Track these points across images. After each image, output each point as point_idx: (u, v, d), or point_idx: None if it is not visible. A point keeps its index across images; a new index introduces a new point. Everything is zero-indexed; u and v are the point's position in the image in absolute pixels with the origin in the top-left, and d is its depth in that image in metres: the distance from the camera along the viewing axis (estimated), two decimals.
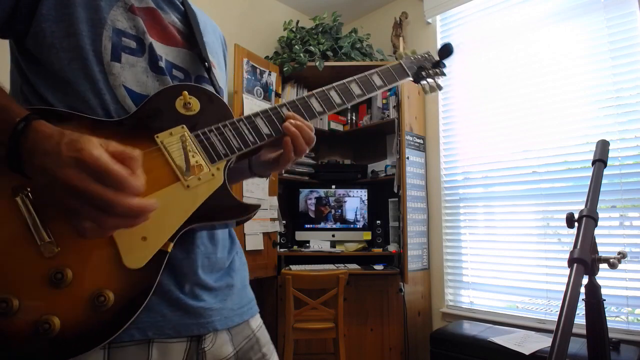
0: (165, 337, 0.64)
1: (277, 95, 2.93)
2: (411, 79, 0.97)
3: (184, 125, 0.66)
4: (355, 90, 0.85)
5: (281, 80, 2.97)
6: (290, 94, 3.06)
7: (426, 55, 1.03)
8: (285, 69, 2.92)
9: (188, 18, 0.79)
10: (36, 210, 0.54)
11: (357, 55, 3.04)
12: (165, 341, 0.64)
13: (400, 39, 2.97)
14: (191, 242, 0.69)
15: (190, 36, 0.78)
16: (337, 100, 0.82)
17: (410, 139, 2.87)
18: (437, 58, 1.02)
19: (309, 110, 0.79)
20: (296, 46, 2.98)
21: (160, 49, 0.72)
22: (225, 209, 0.67)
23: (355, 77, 0.87)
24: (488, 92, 2.76)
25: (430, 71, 1.01)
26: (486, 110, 2.76)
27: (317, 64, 2.87)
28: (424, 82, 1.02)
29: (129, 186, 0.49)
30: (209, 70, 0.77)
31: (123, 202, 0.48)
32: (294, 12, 3.52)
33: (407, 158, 2.78)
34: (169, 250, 0.60)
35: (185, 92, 0.67)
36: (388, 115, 2.98)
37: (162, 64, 0.71)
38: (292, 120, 0.74)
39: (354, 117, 3.30)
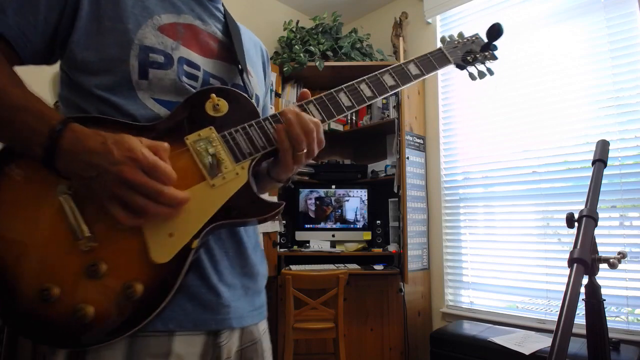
0: (185, 330, 0.67)
1: (277, 95, 2.93)
2: (453, 65, 0.91)
3: (212, 127, 0.69)
4: (388, 81, 0.81)
5: (281, 80, 2.98)
6: (290, 94, 3.06)
7: (474, 38, 0.95)
8: (285, 69, 2.92)
9: (228, 28, 0.83)
10: (78, 208, 0.60)
11: (357, 55, 3.04)
12: (185, 334, 0.67)
13: (400, 39, 2.97)
14: (214, 240, 0.72)
15: (229, 45, 0.81)
16: (368, 93, 0.79)
17: (410, 139, 2.87)
18: (485, 39, 0.94)
19: (337, 106, 0.77)
20: (296, 46, 2.98)
21: (198, 59, 0.76)
22: (248, 207, 0.69)
23: (389, 67, 0.82)
24: (488, 92, 2.76)
25: (479, 55, 0.93)
26: (486, 110, 2.76)
27: (317, 64, 2.87)
28: (471, 68, 0.94)
29: (172, 179, 0.59)
30: (241, 72, 0.79)
31: (169, 192, 0.59)
32: (294, 12, 3.52)
33: (407, 158, 2.79)
34: (194, 246, 0.63)
35: (213, 95, 0.70)
36: (388, 115, 2.98)
37: (200, 73, 0.76)
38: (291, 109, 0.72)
39: (354, 117, 3.30)
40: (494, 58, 0.97)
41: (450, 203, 2.93)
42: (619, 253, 0.78)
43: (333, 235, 3.09)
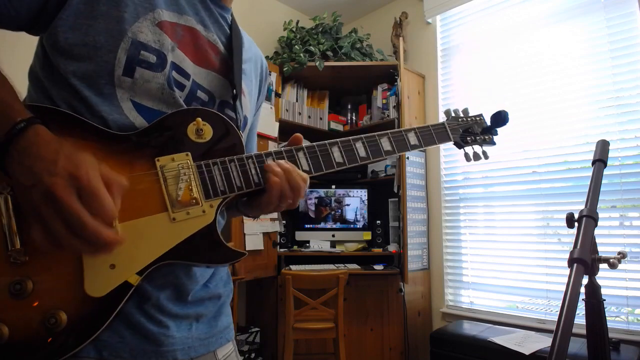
0: None
1: (277, 95, 2.93)
2: (452, 143, 0.90)
3: (189, 153, 0.63)
4: (385, 145, 0.78)
5: (281, 80, 2.98)
6: (290, 93, 3.06)
7: (477, 119, 0.95)
8: (285, 69, 2.92)
9: (231, 41, 0.77)
10: (15, 215, 0.52)
11: (357, 55, 3.04)
12: None
13: (400, 39, 2.97)
14: (161, 272, 0.63)
15: (228, 59, 0.76)
16: (362, 153, 0.75)
17: None
18: (488, 123, 0.94)
19: (329, 161, 0.72)
20: (296, 46, 2.98)
21: (190, 67, 0.70)
22: (207, 251, 0.62)
23: (388, 131, 0.79)
24: (488, 92, 2.76)
25: (478, 137, 0.93)
26: (486, 110, 2.75)
27: (317, 64, 2.87)
28: (468, 148, 0.93)
29: (107, 214, 0.49)
30: (235, 97, 0.74)
31: (96, 228, 0.47)
32: (294, 12, 3.52)
33: (407, 158, 2.79)
34: (135, 284, 0.56)
35: (199, 119, 0.64)
36: (388, 115, 2.98)
37: (188, 83, 0.70)
38: (280, 163, 0.68)
39: (354, 117, 3.30)
40: (492, 143, 0.96)
41: (450, 203, 2.93)
42: (619, 253, 0.78)
43: (333, 235, 3.09)
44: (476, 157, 0.95)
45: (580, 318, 0.71)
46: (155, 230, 0.58)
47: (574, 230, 0.81)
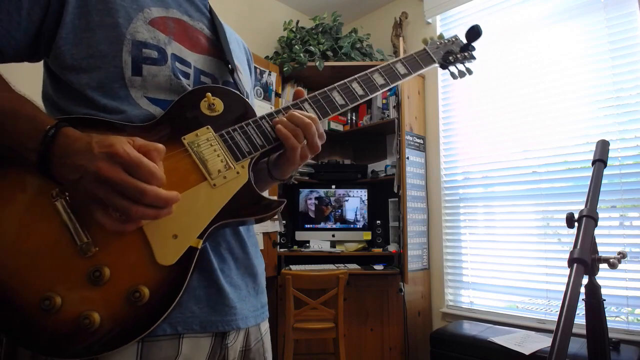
0: (193, 332, 0.67)
1: (277, 95, 2.93)
2: (437, 65, 0.96)
3: (209, 126, 0.70)
4: (378, 80, 0.85)
5: (281, 80, 2.98)
6: (290, 93, 3.06)
7: (453, 39, 1.01)
8: (285, 69, 2.92)
9: (214, 25, 0.83)
10: (75, 213, 0.58)
11: (357, 55, 3.05)
12: (193, 336, 0.67)
13: (400, 39, 2.97)
14: (217, 240, 0.72)
15: (217, 42, 0.82)
16: (360, 91, 0.83)
17: (410, 139, 2.87)
18: (465, 41, 1.00)
19: (331, 104, 0.80)
20: (296, 46, 2.98)
21: (189, 56, 0.76)
22: (251, 205, 0.69)
23: (378, 67, 0.86)
24: (488, 92, 2.76)
25: (459, 55, 0.99)
26: (486, 110, 2.76)
27: (317, 64, 2.87)
28: (452, 67, 1.00)
29: (157, 177, 0.55)
30: (232, 72, 0.80)
31: (153, 190, 0.54)
32: (294, 12, 3.52)
33: (407, 158, 2.79)
34: (199, 246, 0.63)
35: (209, 94, 0.71)
36: (388, 115, 2.98)
37: (191, 70, 0.76)
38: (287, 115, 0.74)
39: (354, 117, 3.30)
40: (473, 58, 1.02)
41: (450, 203, 2.93)
42: (619, 253, 0.78)
43: (333, 235, 3.09)
44: (461, 74, 1.02)
45: (580, 318, 0.71)
46: (202, 198, 0.66)
47: (574, 230, 0.81)
